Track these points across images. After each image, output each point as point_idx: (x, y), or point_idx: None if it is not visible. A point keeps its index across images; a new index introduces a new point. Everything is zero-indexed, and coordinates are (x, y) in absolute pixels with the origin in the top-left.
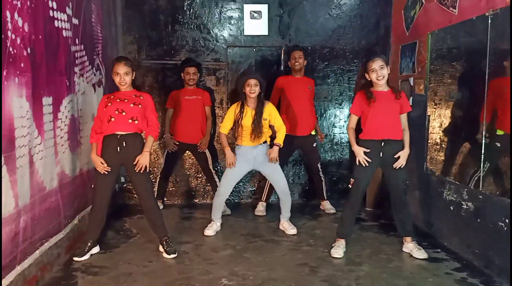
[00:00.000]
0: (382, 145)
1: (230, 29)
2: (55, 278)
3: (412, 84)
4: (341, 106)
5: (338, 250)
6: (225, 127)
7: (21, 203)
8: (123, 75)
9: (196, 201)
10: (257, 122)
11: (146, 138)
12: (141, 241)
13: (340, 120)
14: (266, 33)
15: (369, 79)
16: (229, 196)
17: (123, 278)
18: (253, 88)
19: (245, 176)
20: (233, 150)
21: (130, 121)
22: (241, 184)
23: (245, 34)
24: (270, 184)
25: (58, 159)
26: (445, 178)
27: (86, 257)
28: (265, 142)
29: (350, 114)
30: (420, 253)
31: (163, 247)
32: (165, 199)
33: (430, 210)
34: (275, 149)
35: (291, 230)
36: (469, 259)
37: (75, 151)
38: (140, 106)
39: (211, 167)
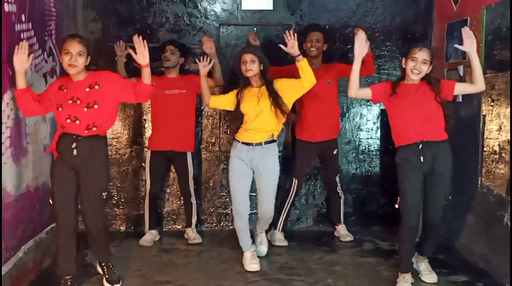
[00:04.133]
0: (420, 147)
1: (224, 2)
2: None
3: (461, 73)
4: (368, 103)
5: None
6: (213, 102)
7: None
8: (75, 55)
9: (179, 227)
10: (273, 97)
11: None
12: None
13: (368, 121)
14: (271, 8)
15: (404, 67)
16: (224, 220)
17: None
18: (248, 65)
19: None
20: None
21: (86, 131)
22: None
23: (243, 8)
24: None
25: None
26: (506, 197)
27: None
28: (272, 141)
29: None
30: (429, 277)
31: (104, 275)
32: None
33: (487, 240)
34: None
35: (261, 245)
36: None
37: (19, 161)
38: (96, 106)
39: (190, 180)
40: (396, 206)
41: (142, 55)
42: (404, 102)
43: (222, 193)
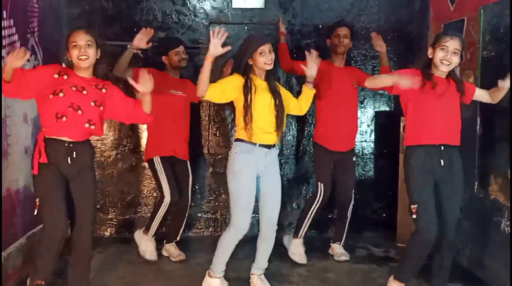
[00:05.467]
0: (443, 149)
1: (214, 0)
2: None
3: (458, 75)
4: (362, 105)
5: None
6: (212, 90)
7: None
8: (84, 47)
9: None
10: (279, 100)
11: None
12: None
13: (362, 124)
14: (262, 6)
15: (430, 57)
16: (213, 226)
17: None
18: (269, 56)
19: (223, 204)
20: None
21: (86, 125)
22: (230, 211)
23: (233, 6)
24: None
25: None
26: (503, 203)
27: None
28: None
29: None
30: None
31: None
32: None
33: (483, 246)
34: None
35: None
36: None
37: None
38: (101, 108)
39: (189, 189)
40: (413, 216)
41: (146, 86)
42: (433, 96)
43: (210, 198)
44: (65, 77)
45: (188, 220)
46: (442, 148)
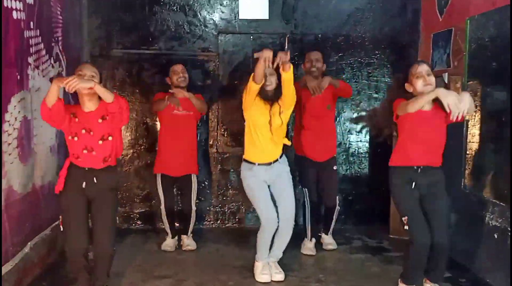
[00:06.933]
0: (419, 172)
1: (222, 12)
2: None
3: (446, 81)
4: (358, 108)
5: None
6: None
7: None
8: (89, 77)
9: (179, 225)
10: (274, 118)
11: None
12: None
13: (357, 125)
14: (266, 17)
15: (411, 91)
16: (221, 218)
17: None
18: (268, 78)
19: (231, 199)
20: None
21: (103, 162)
22: (236, 205)
23: (240, 18)
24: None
25: (4, 172)
26: (487, 198)
27: None
28: (282, 155)
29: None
30: None
31: None
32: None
33: (469, 238)
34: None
35: (276, 275)
36: None
37: (27, 161)
38: (110, 138)
39: (193, 198)
40: (406, 227)
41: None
42: (424, 128)
43: (218, 193)
44: (77, 119)
45: (199, 213)
46: (419, 170)
